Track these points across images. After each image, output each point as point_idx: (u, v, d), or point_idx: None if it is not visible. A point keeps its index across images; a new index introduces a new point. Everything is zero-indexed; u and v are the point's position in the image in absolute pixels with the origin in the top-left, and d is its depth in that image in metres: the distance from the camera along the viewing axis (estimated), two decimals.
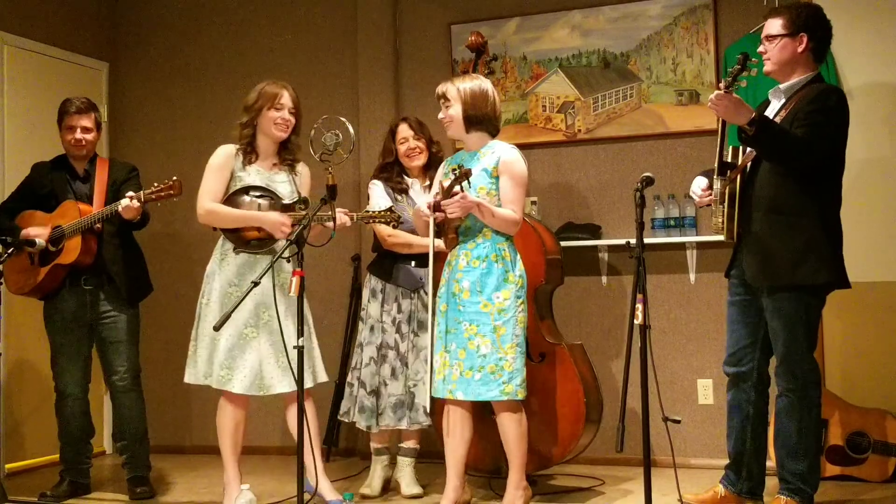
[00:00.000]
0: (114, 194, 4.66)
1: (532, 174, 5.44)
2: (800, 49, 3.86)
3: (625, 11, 5.35)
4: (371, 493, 4.61)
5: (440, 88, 4.15)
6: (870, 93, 4.82)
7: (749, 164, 3.92)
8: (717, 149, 3.94)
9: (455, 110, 4.07)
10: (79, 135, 4.71)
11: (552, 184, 5.46)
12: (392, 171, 4.70)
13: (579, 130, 5.40)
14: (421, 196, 4.60)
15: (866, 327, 4.84)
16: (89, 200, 4.68)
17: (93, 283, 4.67)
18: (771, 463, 4.10)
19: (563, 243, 5.18)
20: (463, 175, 3.84)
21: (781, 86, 3.94)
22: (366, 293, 4.69)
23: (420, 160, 4.69)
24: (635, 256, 3.55)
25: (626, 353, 3.51)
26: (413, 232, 4.49)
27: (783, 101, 3.92)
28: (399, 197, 4.63)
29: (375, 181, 4.71)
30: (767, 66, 3.91)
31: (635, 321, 3.48)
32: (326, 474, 4.33)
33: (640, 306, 3.45)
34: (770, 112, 3.94)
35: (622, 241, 4.97)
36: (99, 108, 4.97)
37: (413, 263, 4.60)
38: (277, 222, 4.19)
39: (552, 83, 5.46)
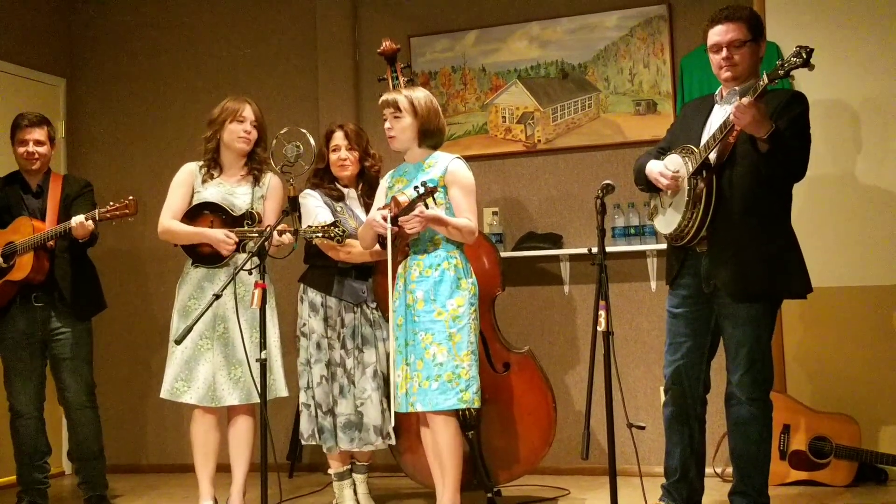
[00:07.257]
0: (66, 210, 4.63)
1: (492, 185, 5.48)
2: (760, 54, 3.75)
3: (582, 23, 5.38)
4: None
5: (389, 97, 4.04)
6: (829, 104, 4.87)
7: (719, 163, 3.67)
8: (706, 148, 3.62)
9: (406, 122, 4.01)
10: (31, 148, 4.67)
11: (513, 194, 5.47)
12: (324, 179, 4.53)
13: (539, 141, 5.42)
14: (357, 203, 4.50)
15: (827, 332, 4.86)
16: (42, 216, 4.64)
17: (44, 300, 4.61)
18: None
19: (524, 253, 5.23)
20: (428, 193, 3.75)
21: (738, 88, 3.72)
22: (304, 307, 4.45)
23: (348, 171, 4.50)
24: (597, 263, 3.52)
25: (590, 359, 3.50)
26: (353, 237, 4.30)
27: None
28: (338, 207, 4.46)
29: (310, 191, 4.49)
30: (731, 73, 3.70)
31: (598, 328, 3.47)
32: (289, 491, 4.29)
33: (602, 313, 3.44)
34: (724, 113, 3.71)
35: (584, 250, 4.99)
36: (55, 123, 4.94)
37: (354, 275, 4.43)
38: (220, 240, 4.23)
39: (511, 94, 5.49)
